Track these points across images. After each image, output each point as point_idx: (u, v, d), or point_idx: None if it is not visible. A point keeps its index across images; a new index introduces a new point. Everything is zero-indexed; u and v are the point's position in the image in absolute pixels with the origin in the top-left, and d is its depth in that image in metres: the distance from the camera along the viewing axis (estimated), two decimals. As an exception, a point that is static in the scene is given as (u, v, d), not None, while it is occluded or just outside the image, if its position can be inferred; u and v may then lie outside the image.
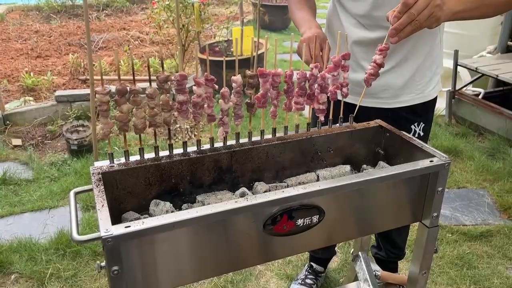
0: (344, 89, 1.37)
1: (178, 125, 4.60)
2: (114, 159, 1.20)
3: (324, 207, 1.12)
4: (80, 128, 4.14)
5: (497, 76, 4.07)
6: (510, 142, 4.04)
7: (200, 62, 5.56)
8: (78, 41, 6.57)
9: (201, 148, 1.28)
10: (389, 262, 2.39)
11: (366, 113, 1.56)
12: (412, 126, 1.76)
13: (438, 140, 4.24)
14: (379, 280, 1.47)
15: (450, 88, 4.47)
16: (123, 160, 1.22)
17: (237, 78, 1.21)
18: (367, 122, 1.45)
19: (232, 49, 5.41)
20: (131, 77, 4.63)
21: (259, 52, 5.06)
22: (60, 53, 6.13)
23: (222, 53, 5.43)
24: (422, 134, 1.81)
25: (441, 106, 4.83)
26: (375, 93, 1.71)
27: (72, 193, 1.13)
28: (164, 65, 5.46)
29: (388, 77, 1.69)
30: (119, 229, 0.92)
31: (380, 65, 1.35)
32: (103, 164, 1.19)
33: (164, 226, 0.94)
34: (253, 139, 1.33)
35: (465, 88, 4.51)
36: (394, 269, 2.53)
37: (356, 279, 1.57)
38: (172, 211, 1.20)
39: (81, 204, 3.44)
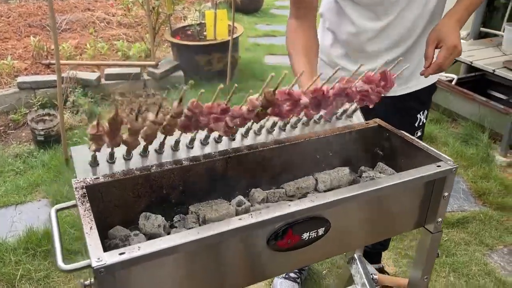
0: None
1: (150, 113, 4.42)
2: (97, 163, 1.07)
3: (330, 218, 1.05)
4: (46, 118, 3.92)
5: (471, 62, 4.10)
6: (483, 128, 4.10)
7: (171, 46, 5.36)
8: (39, 22, 6.20)
9: (194, 155, 1.17)
10: (374, 254, 2.39)
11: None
12: (418, 115, 1.81)
13: (414, 126, 4.26)
14: (376, 284, 1.43)
15: (425, 74, 4.47)
16: (106, 167, 1.10)
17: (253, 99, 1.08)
18: (366, 122, 1.39)
19: (205, 33, 5.24)
20: (99, 62, 4.42)
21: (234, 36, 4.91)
22: (20, 35, 5.77)
23: (195, 37, 5.25)
24: (424, 121, 1.89)
25: (415, 92, 4.85)
26: None
27: (53, 211, 1.01)
28: (133, 49, 5.24)
29: (397, 66, 1.68)
30: (113, 257, 0.81)
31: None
32: (86, 175, 1.07)
33: (164, 251, 0.85)
34: (248, 142, 1.24)
35: (438, 74, 4.53)
36: (378, 260, 2.53)
37: (349, 281, 1.53)
38: (164, 225, 1.10)
39: (50, 200, 3.27)
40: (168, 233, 1.11)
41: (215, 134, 1.19)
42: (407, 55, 1.69)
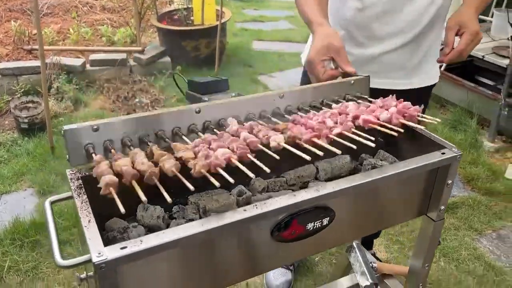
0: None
1: (137, 100, 4.35)
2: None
3: (335, 208, 1.03)
4: (30, 105, 3.81)
5: (460, 48, 4.10)
6: (471, 114, 4.12)
7: (157, 31, 5.25)
8: (20, 7, 6.00)
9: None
10: (367, 241, 2.39)
11: (374, 95, 1.49)
12: None
13: (403, 112, 4.26)
14: (375, 272, 1.42)
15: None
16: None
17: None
18: (367, 108, 1.36)
19: (192, 18, 5.13)
20: (83, 48, 4.30)
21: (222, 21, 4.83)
22: (1, 20, 5.59)
23: (182, 22, 5.14)
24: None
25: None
26: (387, 72, 1.66)
27: (47, 203, 0.96)
28: (118, 34, 5.11)
29: (402, 54, 1.64)
30: (114, 252, 0.77)
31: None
32: (79, 161, 1.02)
33: (167, 244, 0.81)
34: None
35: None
36: (369, 247, 2.53)
37: (347, 269, 1.52)
38: (163, 216, 1.06)
39: (36, 189, 3.19)
40: (168, 225, 1.07)
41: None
42: (413, 45, 1.64)
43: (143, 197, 0.83)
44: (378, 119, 1.15)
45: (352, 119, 1.14)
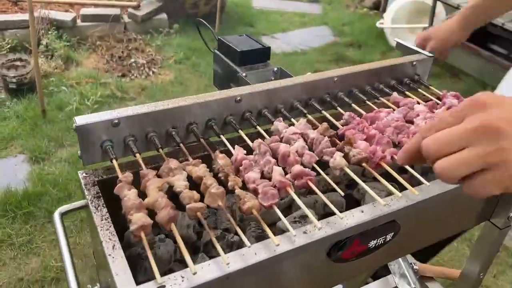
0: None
1: (132, 60, 4.08)
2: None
3: (401, 222, 0.86)
4: (18, 63, 3.53)
5: (478, 14, 3.86)
6: (485, 85, 3.95)
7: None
8: (3, -48, 5.54)
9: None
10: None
11: None
12: None
13: (413, 81, 4.07)
14: (416, 274, 1.29)
15: (427, 25, 4.23)
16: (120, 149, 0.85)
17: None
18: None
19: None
20: (74, 0, 3.90)
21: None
22: (-18, -33, 5.15)
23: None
24: None
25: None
26: None
27: (57, 216, 0.77)
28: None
29: None
30: (151, 294, 0.60)
31: None
32: (93, 158, 0.83)
33: (215, 281, 0.64)
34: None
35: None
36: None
37: (382, 270, 1.38)
38: (194, 225, 0.89)
39: (28, 155, 2.99)
40: (198, 234, 0.90)
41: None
42: None
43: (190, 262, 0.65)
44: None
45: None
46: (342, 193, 0.78)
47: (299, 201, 0.76)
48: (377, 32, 5.09)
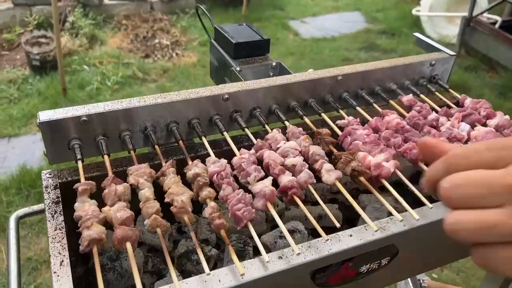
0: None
1: (157, 41, 4.02)
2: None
3: (400, 245, 0.76)
4: (43, 40, 3.53)
5: (523, 4, 3.60)
6: (525, 80, 3.69)
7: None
8: None
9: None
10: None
11: None
12: None
13: (447, 73, 3.86)
14: (424, 292, 1.19)
15: (466, 14, 3.98)
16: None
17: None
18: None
19: (220, -49, 4.64)
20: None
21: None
22: None
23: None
24: None
25: (451, 34, 4.38)
26: None
27: (13, 220, 0.71)
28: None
29: None
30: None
31: None
32: (60, 157, 0.76)
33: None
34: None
35: (481, 14, 4.03)
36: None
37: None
38: (170, 233, 0.81)
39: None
40: (174, 243, 0.83)
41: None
42: None
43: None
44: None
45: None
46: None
47: (279, 221, 0.67)
48: (412, 20, 4.84)
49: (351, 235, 0.68)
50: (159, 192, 0.71)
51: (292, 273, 0.65)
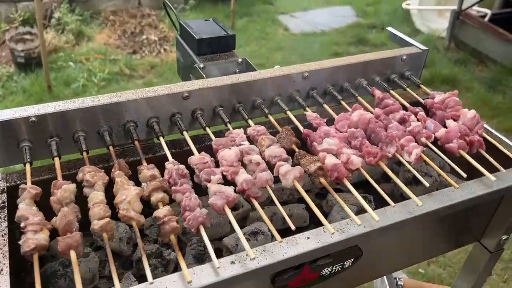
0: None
1: (144, 36, 3.98)
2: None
3: (364, 247, 0.74)
4: (27, 37, 3.48)
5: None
6: (514, 74, 3.68)
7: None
8: None
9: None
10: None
11: None
12: None
13: (437, 67, 3.83)
14: (400, 290, 1.17)
15: (455, 7, 3.95)
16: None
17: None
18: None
19: None
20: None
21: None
22: None
23: (197, -51, 4.61)
24: None
25: (441, 27, 4.36)
26: None
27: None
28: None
29: None
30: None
31: None
32: (10, 161, 0.73)
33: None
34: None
35: (471, 8, 4.01)
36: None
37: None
38: (128, 237, 0.79)
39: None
40: (134, 247, 0.80)
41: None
42: None
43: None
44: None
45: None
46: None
47: (235, 225, 0.65)
48: (402, 14, 4.82)
49: (308, 238, 0.66)
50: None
51: (249, 278, 0.63)
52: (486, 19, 3.99)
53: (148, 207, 0.68)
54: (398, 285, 1.18)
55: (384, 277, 1.19)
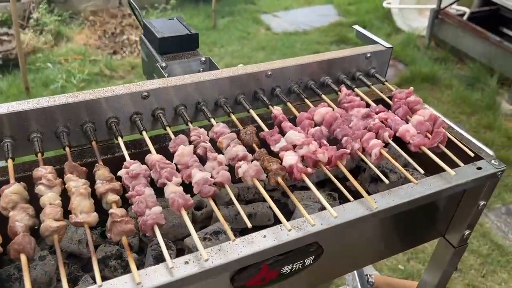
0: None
1: (125, 37, 3.95)
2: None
3: (325, 244, 0.74)
4: (4, 38, 3.43)
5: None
6: (492, 71, 3.73)
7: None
8: None
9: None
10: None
11: None
12: None
13: (417, 65, 3.87)
14: (371, 286, 1.17)
15: (435, 6, 3.99)
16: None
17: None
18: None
19: None
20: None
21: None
22: None
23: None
24: None
25: (421, 26, 4.40)
26: None
27: None
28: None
29: None
30: None
31: None
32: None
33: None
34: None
35: (450, 6, 4.05)
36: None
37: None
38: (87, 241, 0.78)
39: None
40: (95, 248, 0.79)
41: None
42: None
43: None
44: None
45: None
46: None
47: (189, 226, 0.65)
48: (383, 13, 4.85)
49: (265, 236, 0.66)
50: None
51: (205, 277, 0.63)
52: (465, 17, 4.04)
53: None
54: (369, 281, 1.19)
55: (355, 273, 1.19)
